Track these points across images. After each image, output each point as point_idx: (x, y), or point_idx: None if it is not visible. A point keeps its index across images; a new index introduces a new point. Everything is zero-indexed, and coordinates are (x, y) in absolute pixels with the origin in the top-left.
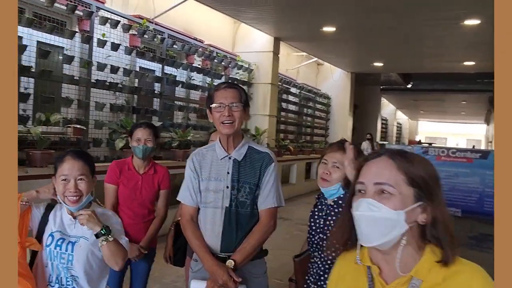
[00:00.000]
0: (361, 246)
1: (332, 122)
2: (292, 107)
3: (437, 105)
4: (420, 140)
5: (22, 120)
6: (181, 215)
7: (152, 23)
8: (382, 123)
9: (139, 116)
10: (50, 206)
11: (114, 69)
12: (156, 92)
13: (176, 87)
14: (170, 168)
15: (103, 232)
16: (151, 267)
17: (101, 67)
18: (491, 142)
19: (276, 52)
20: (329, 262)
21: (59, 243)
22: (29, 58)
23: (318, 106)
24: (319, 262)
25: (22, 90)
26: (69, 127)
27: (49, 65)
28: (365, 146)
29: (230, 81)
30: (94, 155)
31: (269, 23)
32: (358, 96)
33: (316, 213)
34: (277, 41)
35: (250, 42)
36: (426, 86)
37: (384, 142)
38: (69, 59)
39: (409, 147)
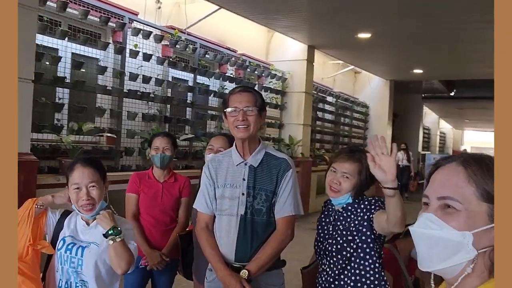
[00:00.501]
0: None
1: (370, 131)
2: (328, 116)
3: (483, 114)
4: (465, 150)
5: (56, 129)
6: (196, 222)
7: (184, 33)
8: (424, 133)
9: (171, 125)
10: (66, 212)
11: (146, 79)
12: (188, 101)
13: (209, 97)
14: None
15: (111, 232)
16: (174, 279)
17: (133, 77)
18: None
19: (310, 60)
20: (339, 267)
21: (69, 247)
22: (64, 69)
23: (356, 115)
24: (328, 270)
25: (56, 100)
26: (101, 136)
27: (83, 76)
28: (400, 156)
29: (245, 85)
30: (126, 164)
31: (302, 31)
32: (398, 105)
33: (324, 219)
34: (311, 49)
35: (284, 51)
36: (471, 94)
37: (426, 152)
38: (102, 70)
39: (467, 153)
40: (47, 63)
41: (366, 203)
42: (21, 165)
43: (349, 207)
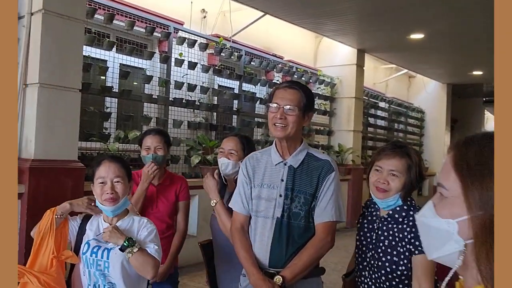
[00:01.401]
0: None
1: (427, 137)
2: (380, 123)
3: None
4: None
5: (103, 137)
6: (231, 222)
7: (229, 41)
8: None
9: (217, 132)
10: (86, 217)
11: (192, 87)
12: (234, 109)
13: (255, 104)
14: None
15: (126, 245)
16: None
17: (178, 85)
18: None
19: (360, 64)
20: (379, 281)
21: (94, 250)
22: (112, 79)
23: (411, 121)
24: (369, 282)
25: (104, 109)
26: None
27: (130, 85)
28: None
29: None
30: (172, 171)
31: (351, 34)
32: (457, 110)
33: (366, 225)
34: (360, 53)
35: (332, 56)
36: None
37: None
38: (148, 79)
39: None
40: (96, 74)
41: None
42: (70, 172)
43: (396, 215)
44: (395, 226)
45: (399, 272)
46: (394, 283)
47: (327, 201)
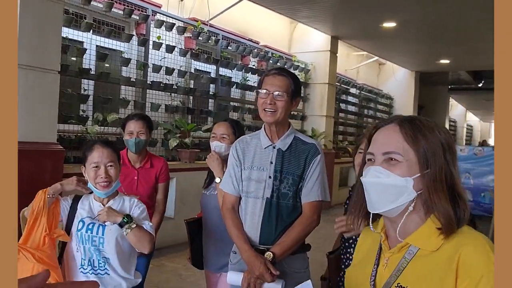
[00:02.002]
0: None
1: None
2: (351, 108)
3: None
4: (484, 140)
5: (81, 120)
6: (222, 202)
7: (207, 25)
8: (450, 125)
9: (193, 116)
10: (77, 197)
11: (169, 71)
12: (211, 93)
13: (231, 88)
14: None
15: (125, 221)
16: (149, 262)
17: (156, 69)
18: None
19: (333, 51)
20: None
21: (90, 227)
22: (89, 61)
23: (380, 107)
24: None
25: (82, 91)
26: None
27: (107, 68)
28: None
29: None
30: None
31: (325, 22)
32: (424, 97)
33: None
34: (334, 40)
35: (307, 42)
36: None
37: None
38: (126, 62)
39: (479, 148)
40: (73, 56)
41: None
42: (49, 155)
43: None
44: None
45: None
46: None
47: (314, 182)
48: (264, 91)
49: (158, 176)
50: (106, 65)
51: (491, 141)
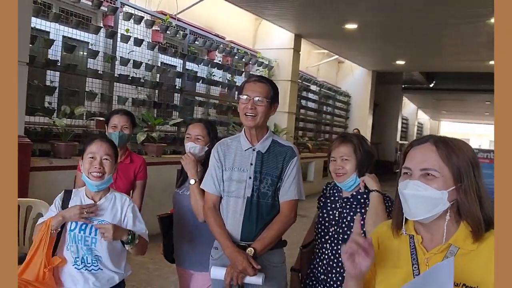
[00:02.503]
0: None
1: (352, 120)
2: (311, 105)
3: (460, 105)
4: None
5: (48, 112)
6: (204, 202)
7: (175, 19)
8: (402, 123)
9: (160, 110)
10: (67, 195)
11: (137, 64)
12: (177, 87)
13: (197, 83)
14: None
15: (130, 240)
16: None
17: (124, 62)
18: None
19: (297, 49)
20: (340, 252)
21: (83, 227)
22: (55, 52)
23: (338, 104)
24: (330, 254)
25: (48, 83)
26: (93, 119)
27: (74, 59)
28: None
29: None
30: None
31: (290, 20)
32: (379, 95)
33: (329, 204)
34: (298, 38)
35: (271, 39)
36: (449, 86)
37: (405, 142)
38: (94, 54)
39: (434, 134)
40: (40, 47)
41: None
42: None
43: (358, 196)
44: (358, 206)
45: None
46: None
47: (291, 182)
48: (245, 96)
49: (137, 173)
50: (76, 57)
51: None
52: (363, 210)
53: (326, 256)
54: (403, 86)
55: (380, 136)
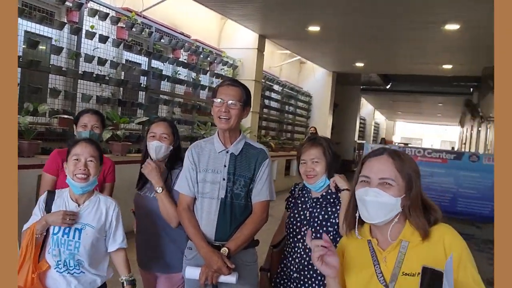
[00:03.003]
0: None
1: (313, 120)
2: (274, 104)
3: (414, 107)
4: (383, 138)
5: None
6: (178, 203)
7: (140, 16)
8: (360, 123)
9: (125, 108)
10: (50, 198)
11: (102, 61)
12: (142, 85)
13: (162, 81)
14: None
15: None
16: None
17: (89, 59)
18: (464, 143)
19: (261, 49)
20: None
21: (66, 231)
22: (17, 47)
23: (300, 104)
24: (302, 253)
25: None
26: (57, 117)
27: (37, 55)
28: None
29: (234, 78)
30: None
31: (255, 21)
32: (338, 95)
33: (300, 205)
34: (262, 38)
35: (235, 39)
36: (405, 88)
37: (362, 141)
38: (58, 50)
39: (386, 147)
40: None
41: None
42: None
43: (328, 196)
44: (328, 205)
45: (331, 238)
46: None
47: (263, 184)
48: (219, 100)
49: (106, 175)
50: (39, 53)
51: (395, 139)
52: (333, 209)
53: (299, 255)
54: (361, 87)
55: (339, 135)
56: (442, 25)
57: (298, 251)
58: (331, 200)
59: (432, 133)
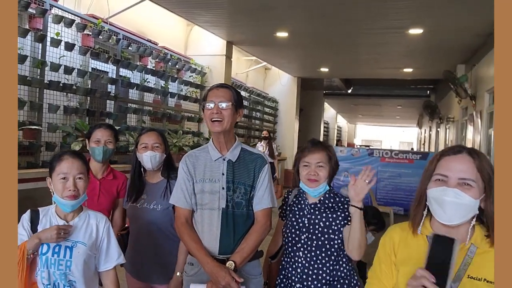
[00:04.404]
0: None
1: (280, 125)
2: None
3: (374, 110)
4: (338, 140)
5: None
6: (175, 217)
7: (107, 23)
8: (324, 127)
9: (93, 118)
10: (34, 216)
11: (69, 70)
12: (111, 94)
13: (131, 89)
14: (126, 173)
15: None
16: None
17: (55, 67)
18: (424, 144)
19: (229, 55)
20: (317, 261)
21: (56, 250)
22: None
23: (267, 109)
24: (304, 262)
25: None
26: (22, 129)
27: None
28: (261, 149)
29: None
30: (47, 159)
31: (222, 27)
32: (303, 100)
33: (297, 212)
34: (230, 45)
35: (203, 46)
36: (365, 92)
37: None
38: (22, 59)
39: (355, 150)
40: None
41: (344, 202)
42: None
43: (326, 201)
44: (327, 210)
45: (336, 246)
46: (332, 257)
47: (264, 190)
48: (211, 103)
49: (120, 190)
50: None
51: (356, 141)
52: (334, 215)
53: (300, 264)
54: (324, 92)
55: (305, 139)
56: (406, 30)
57: (299, 260)
58: (330, 205)
59: (391, 135)
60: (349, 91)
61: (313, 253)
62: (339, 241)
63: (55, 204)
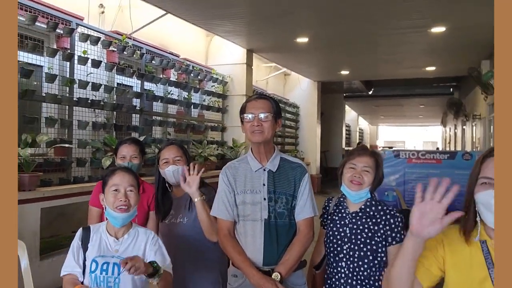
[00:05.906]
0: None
1: (301, 130)
2: None
3: (396, 110)
4: (359, 142)
5: None
6: (218, 230)
7: (130, 38)
8: (346, 130)
9: (120, 133)
10: (85, 234)
11: (96, 87)
12: (137, 108)
13: (155, 102)
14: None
15: (155, 271)
16: None
17: (83, 84)
18: (449, 142)
19: (249, 63)
20: (364, 272)
21: (104, 267)
22: None
23: (288, 115)
24: (347, 272)
25: None
26: (55, 147)
27: (28, 85)
28: None
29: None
30: (78, 175)
31: (242, 36)
32: (324, 104)
33: (338, 221)
34: (250, 53)
35: (223, 55)
36: (387, 92)
37: (349, 148)
38: (52, 78)
39: (380, 152)
40: None
41: (387, 212)
42: None
43: (367, 209)
44: (368, 220)
45: (379, 259)
46: (374, 269)
47: (305, 200)
48: (250, 115)
49: (150, 203)
50: (32, 82)
51: (378, 143)
52: (376, 227)
53: (343, 275)
54: (344, 94)
55: (327, 143)
56: (428, 29)
57: (342, 270)
58: (371, 214)
59: (414, 134)
60: (370, 92)
61: (355, 264)
62: (382, 255)
63: (107, 220)
